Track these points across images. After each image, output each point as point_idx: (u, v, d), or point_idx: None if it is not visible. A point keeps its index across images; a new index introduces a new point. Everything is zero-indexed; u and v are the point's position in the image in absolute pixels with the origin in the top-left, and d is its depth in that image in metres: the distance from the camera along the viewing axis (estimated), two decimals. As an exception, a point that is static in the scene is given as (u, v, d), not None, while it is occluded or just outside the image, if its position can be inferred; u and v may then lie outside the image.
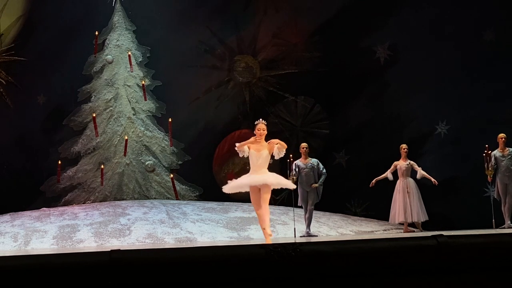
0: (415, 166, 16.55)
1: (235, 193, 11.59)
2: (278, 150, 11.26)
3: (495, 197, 15.89)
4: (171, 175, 20.33)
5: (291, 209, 16.42)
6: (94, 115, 20.21)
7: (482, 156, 15.81)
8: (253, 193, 11.26)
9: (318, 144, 19.62)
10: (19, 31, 20.55)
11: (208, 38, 20.81)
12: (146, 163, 20.42)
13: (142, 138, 20.54)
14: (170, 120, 20.18)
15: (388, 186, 16.66)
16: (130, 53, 20.63)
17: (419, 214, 16.39)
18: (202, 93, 20.72)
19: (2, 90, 20.33)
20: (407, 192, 16.41)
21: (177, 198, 19.99)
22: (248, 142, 11.23)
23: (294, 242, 5.73)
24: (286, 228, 16.36)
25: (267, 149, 11.25)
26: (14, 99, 20.31)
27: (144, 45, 20.92)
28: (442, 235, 5.68)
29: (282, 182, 11.41)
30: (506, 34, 18.78)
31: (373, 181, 16.52)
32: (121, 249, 5.45)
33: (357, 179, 18.65)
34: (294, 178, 15.89)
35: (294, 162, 16.11)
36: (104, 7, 20.87)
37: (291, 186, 11.74)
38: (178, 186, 20.29)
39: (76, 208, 18.37)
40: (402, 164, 16.58)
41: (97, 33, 20.65)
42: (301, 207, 16.31)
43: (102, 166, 20.06)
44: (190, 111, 20.54)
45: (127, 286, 5.27)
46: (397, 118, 19.50)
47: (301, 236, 15.78)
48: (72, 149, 20.41)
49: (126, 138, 20.16)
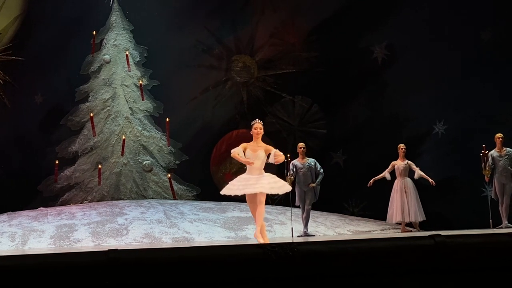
0: (413, 166, 16.57)
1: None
2: (274, 156, 11.08)
3: (493, 197, 15.91)
4: (169, 175, 20.32)
5: (289, 208, 16.42)
6: (92, 115, 20.19)
7: (479, 156, 15.83)
8: (249, 196, 11.22)
9: (315, 144, 19.62)
10: (17, 31, 20.52)
11: (205, 38, 20.80)
12: (144, 163, 20.42)
13: (139, 138, 20.52)
14: (167, 120, 20.17)
15: (385, 186, 16.68)
16: (127, 52, 20.61)
17: (417, 214, 16.41)
18: (200, 92, 20.71)
19: (-1, 90, 20.35)
20: (405, 192, 16.43)
21: (174, 198, 19.98)
22: (239, 147, 11.11)
23: (291, 242, 5.73)
24: (283, 227, 16.36)
25: (264, 150, 11.19)
26: (12, 99, 20.27)
27: (141, 44, 20.91)
28: (439, 235, 5.68)
29: (277, 186, 11.19)
30: (504, 34, 18.79)
31: (371, 181, 16.54)
32: (118, 248, 5.45)
33: (354, 179, 18.64)
34: (292, 178, 15.90)
35: (292, 162, 16.12)
36: (101, 7, 20.84)
37: (287, 188, 11.54)
38: (176, 186, 20.28)
39: (73, 207, 18.36)
40: (400, 164, 16.59)
41: (94, 32, 20.61)
42: (298, 207, 16.32)
43: (100, 166, 20.04)
44: (187, 111, 20.54)
45: (125, 286, 5.27)
46: (394, 118, 19.50)
47: (298, 235, 15.80)
48: (69, 148, 20.39)
49: (123, 137, 20.15)
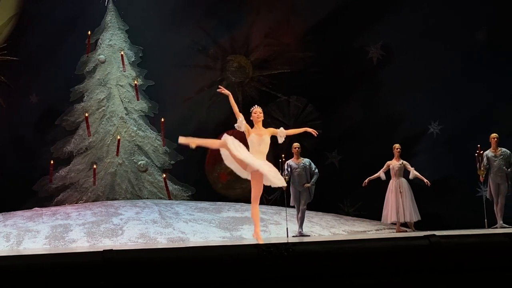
0: (408, 166, 16.57)
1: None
2: (280, 133, 11.00)
3: (488, 197, 15.92)
4: (164, 175, 20.31)
5: (284, 209, 16.42)
6: (87, 115, 20.18)
7: (474, 156, 15.85)
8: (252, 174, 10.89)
9: (310, 144, 19.58)
10: (12, 31, 20.49)
11: (201, 38, 20.80)
12: (139, 163, 20.41)
13: (134, 138, 20.51)
14: (162, 120, 20.15)
15: (380, 186, 16.69)
16: (122, 52, 20.60)
17: (412, 214, 16.42)
18: (195, 92, 20.70)
19: (-6, 90, 20.33)
20: (400, 192, 16.44)
21: (169, 198, 19.98)
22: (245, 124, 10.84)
23: (286, 242, 5.73)
24: (278, 228, 16.36)
25: (268, 134, 10.93)
26: (7, 99, 20.24)
27: (136, 44, 20.90)
28: (434, 235, 5.69)
29: (275, 178, 10.82)
30: (499, 34, 18.79)
31: (365, 180, 16.54)
32: (113, 249, 5.45)
33: (349, 179, 18.63)
34: (287, 178, 15.90)
35: (286, 162, 16.12)
36: (96, 7, 20.84)
37: (282, 183, 11.19)
38: (171, 186, 20.27)
39: (68, 208, 18.34)
40: (395, 164, 16.60)
41: (89, 32, 20.61)
42: (293, 207, 16.32)
43: (95, 166, 20.03)
44: (182, 111, 20.52)
45: (120, 286, 5.28)
46: (389, 118, 19.50)
47: (293, 236, 15.79)
48: (64, 148, 20.38)
49: (118, 138, 20.13)
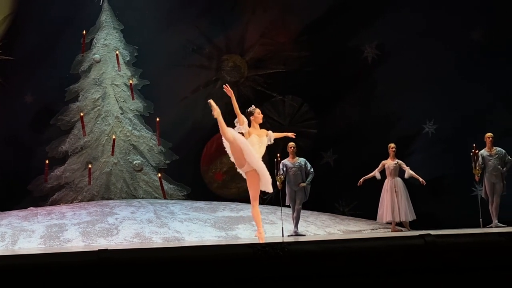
0: (403, 166, 16.58)
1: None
2: (270, 135, 11.13)
3: (483, 196, 15.94)
4: (159, 175, 20.30)
5: (279, 208, 16.42)
6: (82, 115, 20.16)
7: (469, 155, 15.86)
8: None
9: (305, 143, 19.59)
10: (7, 30, 20.46)
11: (196, 37, 20.79)
12: (134, 163, 20.39)
13: (129, 138, 20.50)
14: (157, 119, 20.14)
15: (376, 186, 16.69)
16: (117, 52, 20.59)
17: (407, 213, 16.42)
18: (190, 92, 20.70)
19: (-11, 89, 20.29)
20: (395, 191, 16.44)
21: (164, 198, 19.97)
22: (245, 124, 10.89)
23: (282, 241, 5.73)
24: (274, 227, 16.36)
25: (265, 136, 11.08)
26: (2, 99, 20.22)
27: (131, 44, 20.89)
28: (429, 234, 5.68)
29: (264, 180, 10.95)
30: (494, 33, 18.82)
31: (361, 180, 16.54)
32: (108, 248, 5.44)
33: (345, 179, 18.63)
34: (282, 177, 15.91)
35: (282, 162, 16.12)
36: (91, 6, 20.82)
37: (269, 189, 11.26)
38: (166, 186, 20.26)
39: (63, 207, 18.32)
40: (390, 163, 16.60)
41: (84, 32, 20.59)
42: (289, 207, 16.33)
43: (90, 166, 20.01)
44: (178, 111, 20.52)
45: (115, 286, 5.26)
46: (384, 118, 19.51)
47: (289, 235, 15.79)
48: (59, 148, 20.36)
49: (113, 137, 20.12)
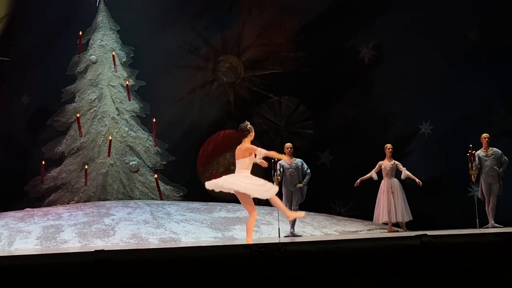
0: (400, 166, 16.58)
1: (220, 192, 11.52)
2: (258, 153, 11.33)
3: (479, 197, 15.95)
4: (155, 176, 20.28)
5: (275, 209, 16.38)
6: (78, 115, 20.13)
7: (466, 156, 15.87)
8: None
9: (302, 144, 19.62)
10: (3, 31, 20.44)
11: (192, 38, 20.78)
12: (130, 164, 20.37)
13: (126, 139, 20.48)
14: (154, 120, 20.13)
15: (372, 186, 16.69)
16: (114, 53, 20.56)
17: (404, 214, 16.43)
18: (187, 93, 20.69)
19: (-15, 90, 20.26)
20: (392, 192, 16.45)
21: (161, 199, 19.96)
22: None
23: (278, 242, 5.73)
24: (270, 228, 16.36)
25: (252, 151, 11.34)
26: (-2, 99, 20.24)
27: (128, 45, 20.87)
28: (426, 235, 5.69)
29: (260, 192, 11.22)
30: (490, 33, 18.86)
31: (357, 181, 16.55)
32: (105, 249, 5.44)
33: (341, 179, 18.65)
34: (279, 178, 15.91)
35: (279, 162, 16.12)
36: (88, 7, 20.79)
37: (262, 196, 11.49)
38: (162, 187, 20.25)
39: (60, 208, 18.30)
40: (386, 164, 16.61)
41: (81, 33, 20.55)
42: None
43: (86, 167, 19.98)
44: (174, 111, 20.51)
45: (112, 287, 5.26)
46: (381, 118, 19.53)
47: (285, 236, 15.80)
48: (56, 149, 20.33)
49: (110, 138, 20.10)
